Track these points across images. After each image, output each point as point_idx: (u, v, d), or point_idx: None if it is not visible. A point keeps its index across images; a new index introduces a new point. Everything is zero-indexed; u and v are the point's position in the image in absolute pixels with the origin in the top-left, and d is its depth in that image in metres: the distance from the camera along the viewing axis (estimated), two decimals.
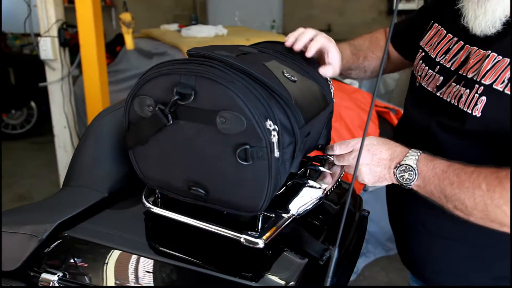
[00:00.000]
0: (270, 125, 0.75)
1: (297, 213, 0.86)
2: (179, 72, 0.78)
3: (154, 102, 0.80)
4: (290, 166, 0.83)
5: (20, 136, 5.07)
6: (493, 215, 0.84)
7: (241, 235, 0.78)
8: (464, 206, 0.87)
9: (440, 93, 1.03)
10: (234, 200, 0.81)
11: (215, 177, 0.80)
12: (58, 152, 3.17)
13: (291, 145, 0.81)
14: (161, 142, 0.83)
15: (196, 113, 0.77)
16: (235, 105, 0.74)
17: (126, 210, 0.97)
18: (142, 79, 0.82)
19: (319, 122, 0.96)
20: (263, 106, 0.76)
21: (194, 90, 0.76)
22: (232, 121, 0.74)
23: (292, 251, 0.88)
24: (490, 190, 0.84)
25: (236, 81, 0.76)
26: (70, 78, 3.07)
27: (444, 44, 1.06)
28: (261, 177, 0.77)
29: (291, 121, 0.81)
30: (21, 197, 3.64)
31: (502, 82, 0.89)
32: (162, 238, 0.88)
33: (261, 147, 0.75)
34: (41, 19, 2.88)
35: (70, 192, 0.96)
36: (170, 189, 0.87)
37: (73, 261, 0.86)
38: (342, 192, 1.16)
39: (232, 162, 0.76)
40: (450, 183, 0.88)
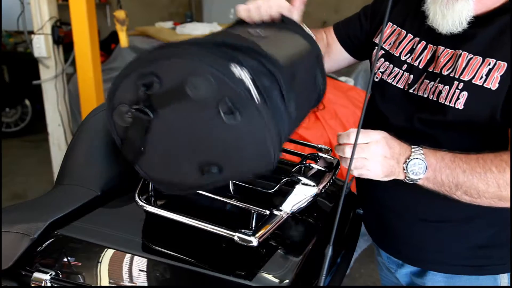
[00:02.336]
0: (238, 71, 0.73)
1: (291, 211, 0.85)
2: (137, 66, 0.78)
3: (129, 106, 0.79)
4: (286, 111, 0.81)
5: (15, 134, 5.04)
6: (505, 193, 0.93)
7: (234, 233, 0.78)
8: (476, 191, 0.94)
9: (413, 90, 1.09)
10: (247, 164, 0.79)
11: (217, 149, 0.78)
12: (52, 150, 3.16)
13: (274, 88, 0.79)
14: (156, 142, 0.82)
15: (168, 95, 0.76)
16: (196, 68, 0.73)
17: (119, 209, 0.96)
18: (110, 90, 0.82)
19: (304, 64, 0.94)
20: (224, 59, 0.75)
21: (156, 76, 0.76)
22: (201, 85, 0.73)
23: (287, 249, 0.88)
24: (501, 171, 0.92)
25: (190, 49, 0.76)
26: (64, 76, 3.05)
27: (407, 43, 1.13)
28: (258, 130, 0.75)
29: (263, 63, 0.79)
30: (16, 196, 3.62)
31: (481, 78, 0.99)
32: (156, 237, 0.87)
33: (240, 96, 0.73)
34: (34, 16, 2.86)
35: (63, 191, 0.96)
36: (189, 187, 0.84)
37: (66, 260, 0.85)
38: (337, 189, 1.16)
39: (225, 126, 0.74)
40: (462, 171, 0.93)
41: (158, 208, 0.84)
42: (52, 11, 2.87)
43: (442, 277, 1.15)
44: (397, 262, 1.23)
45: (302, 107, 0.94)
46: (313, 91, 1.00)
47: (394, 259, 1.23)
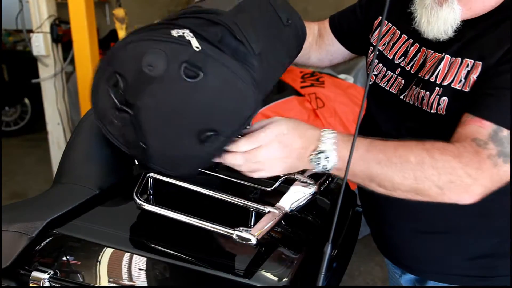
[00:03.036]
0: (176, 31, 0.75)
1: (290, 209, 0.85)
2: (101, 73, 0.80)
3: (112, 109, 0.81)
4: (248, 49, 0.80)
5: (14, 133, 5.04)
6: (421, 186, 0.84)
7: (233, 231, 0.78)
8: (390, 183, 0.85)
9: (404, 97, 1.06)
10: (235, 116, 0.80)
11: (203, 114, 0.79)
12: (52, 149, 3.16)
13: (225, 34, 0.79)
14: (151, 131, 0.82)
15: (135, 85, 0.78)
16: (142, 48, 0.75)
17: (118, 207, 0.96)
18: (92, 103, 0.85)
19: (253, 3, 0.90)
20: (162, 29, 0.77)
21: (117, 73, 0.78)
22: (155, 61, 0.74)
23: (285, 247, 0.88)
24: (419, 163, 0.83)
25: (130, 38, 0.78)
26: (63, 74, 3.05)
27: (400, 45, 1.09)
28: (226, 78, 0.76)
29: (204, 17, 0.80)
30: (16, 195, 3.62)
31: (459, 81, 0.94)
32: (155, 235, 0.87)
33: (190, 54, 0.74)
34: (33, 15, 2.86)
35: (61, 190, 0.95)
36: (200, 161, 0.85)
37: (64, 259, 0.85)
38: (336, 187, 1.15)
39: (197, 88, 0.75)
40: (377, 162, 0.85)
41: (156, 207, 0.84)
42: (50, 9, 2.86)
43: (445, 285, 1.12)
44: (401, 269, 1.22)
45: (273, 41, 0.92)
46: (281, 27, 0.96)
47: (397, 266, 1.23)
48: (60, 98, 3.03)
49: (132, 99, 0.79)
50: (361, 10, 1.25)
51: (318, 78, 2.81)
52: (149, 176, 0.91)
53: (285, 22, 0.96)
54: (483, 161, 0.84)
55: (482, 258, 1.08)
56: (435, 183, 0.83)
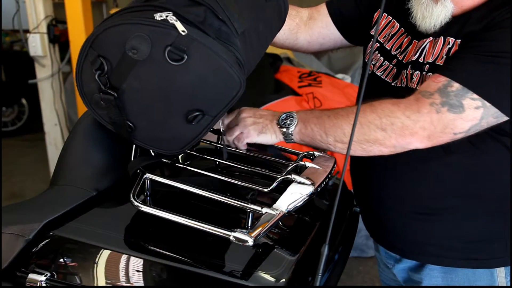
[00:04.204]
0: (159, 15, 0.75)
1: (287, 210, 0.85)
2: (84, 56, 0.81)
3: (98, 93, 0.83)
4: (230, 29, 0.81)
5: (11, 133, 5.03)
6: (367, 132, 0.97)
7: (230, 233, 0.77)
8: (342, 133, 0.99)
9: (395, 83, 1.13)
10: (220, 96, 0.82)
11: (189, 94, 0.81)
12: (49, 149, 3.15)
13: (208, 15, 0.80)
14: (137, 112, 0.85)
15: (120, 68, 0.79)
16: (126, 32, 0.76)
17: (115, 209, 0.96)
18: (78, 86, 0.86)
19: None
20: (144, 11, 0.78)
21: (102, 57, 0.79)
22: (139, 44, 0.75)
23: (283, 248, 0.88)
24: (362, 110, 0.97)
25: (114, 19, 0.78)
26: (60, 74, 3.05)
27: (398, 38, 1.16)
28: (210, 60, 0.77)
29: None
30: (13, 195, 3.61)
31: (442, 58, 1.02)
32: (152, 237, 0.87)
33: (174, 38, 0.74)
34: (29, 15, 2.85)
35: (58, 191, 0.95)
36: (189, 140, 0.88)
37: (61, 261, 0.85)
38: (333, 187, 1.15)
39: (182, 70, 0.77)
40: (327, 116, 1.01)
41: (153, 208, 0.84)
42: (47, 9, 2.86)
43: (439, 272, 1.15)
44: (395, 257, 1.23)
45: (255, 19, 0.93)
46: (263, 4, 0.97)
47: (391, 254, 1.23)
48: (57, 98, 3.02)
49: (118, 82, 0.80)
50: (360, 1, 1.26)
51: (316, 78, 2.81)
52: (146, 177, 0.91)
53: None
54: (423, 106, 0.93)
55: (474, 242, 1.11)
56: (378, 126, 0.96)
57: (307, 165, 1.00)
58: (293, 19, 1.28)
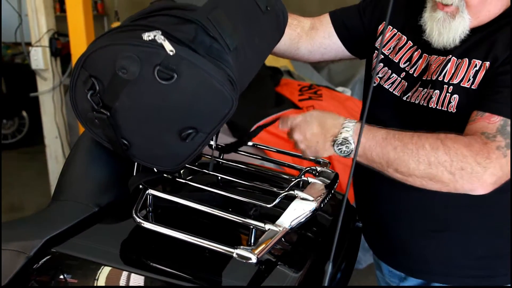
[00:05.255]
0: (146, 34, 0.75)
1: (290, 227, 0.84)
2: (76, 76, 0.81)
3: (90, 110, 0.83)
4: (222, 46, 0.80)
5: (12, 146, 5.02)
6: (435, 172, 0.90)
7: (233, 250, 0.77)
8: (406, 168, 0.93)
9: (407, 98, 1.11)
10: (213, 114, 0.81)
11: (182, 112, 0.80)
12: (49, 162, 3.14)
13: (198, 32, 0.79)
14: (131, 130, 0.85)
15: (112, 88, 0.79)
16: (115, 52, 0.76)
17: (117, 225, 0.95)
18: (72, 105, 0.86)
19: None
20: (132, 31, 0.78)
21: (93, 77, 0.79)
22: (128, 64, 0.75)
23: (286, 264, 0.87)
24: (434, 149, 0.90)
25: (103, 39, 0.79)
26: (61, 87, 3.05)
27: (406, 50, 1.15)
28: (201, 78, 0.77)
29: (176, 15, 0.80)
30: (13, 208, 3.59)
31: (468, 80, 1.01)
32: (154, 254, 0.86)
33: (160, 55, 0.74)
34: (32, 29, 2.87)
35: (59, 207, 0.94)
36: (184, 157, 0.88)
37: (62, 278, 0.84)
38: (336, 203, 1.15)
39: (172, 89, 0.76)
40: (393, 148, 0.93)
41: (155, 224, 0.83)
42: (49, 23, 2.87)
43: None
44: (399, 275, 1.21)
45: (250, 33, 0.91)
46: (259, 16, 0.95)
47: (396, 273, 1.22)
48: (58, 111, 3.02)
49: (110, 101, 0.80)
50: (364, 14, 1.26)
51: (316, 91, 2.82)
52: (148, 193, 0.90)
53: (263, 10, 0.96)
54: (492, 151, 0.89)
55: (483, 259, 1.11)
56: (447, 169, 0.89)
57: (309, 180, 0.99)
58: (294, 29, 1.27)
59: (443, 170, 0.90)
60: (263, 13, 0.95)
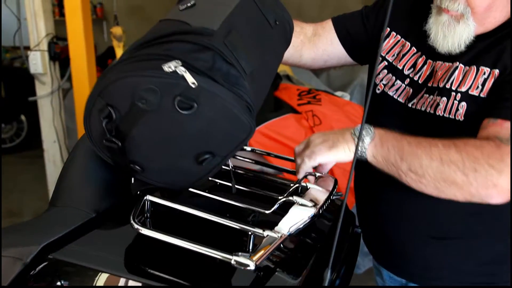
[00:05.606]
0: (167, 66, 0.74)
1: (289, 233, 0.84)
2: (92, 103, 0.80)
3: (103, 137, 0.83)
4: (240, 72, 0.80)
5: (10, 150, 5.01)
6: (447, 171, 0.89)
7: (231, 256, 0.76)
8: (419, 164, 0.91)
9: (412, 104, 1.11)
10: (230, 140, 0.81)
11: (200, 139, 0.80)
12: (47, 167, 3.14)
13: (216, 59, 0.78)
14: (147, 156, 0.84)
15: (129, 117, 0.78)
16: (134, 82, 0.75)
17: (115, 231, 0.94)
18: (85, 129, 0.87)
19: (240, 13, 0.89)
20: (152, 60, 0.77)
21: (110, 106, 0.78)
22: (148, 95, 0.74)
23: (284, 271, 0.86)
24: (446, 147, 0.90)
25: (122, 68, 0.77)
26: (60, 92, 3.05)
27: (410, 57, 1.15)
28: (220, 107, 0.76)
29: (192, 41, 0.79)
30: (11, 213, 3.58)
31: (477, 88, 1.01)
32: (152, 260, 0.86)
33: (181, 87, 0.73)
34: (31, 33, 2.87)
35: (57, 213, 0.94)
36: (196, 179, 0.88)
37: (60, 285, 0.83)
38: (335, 208, 1.14)
39: (192, 118, 0.76)
40: (408, 142, 0.94)
41: (154, 231, 0.82)
42: (48, 27, 2.87)
43: None
44: (400, 281, 1.21)
45: (262, 52, 0.91)
46: (269, 32, 0.95)
47: (397, 279, 1.22)
48: (56, 116, 3.02)
49: (127, 129, 0.79)
50: (367, 20, 1.26)
51: (315, 96, 2.82)
52: (146, 199, 0.90)
53: (272, 25, 0.96)
54: (506, 154, 0.87)
55: (487, 265, 1.10)
56: (460, 169, 0.87)
57: (308, 186, 0.99)
58: (297, 36, 1.26)
59: (456, 169, 0.88)
60: (272, 28, 0.95)
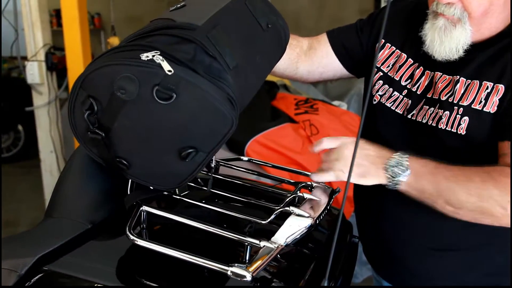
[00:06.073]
0: (145, 55, 0.74)
1: (286, 243, 0.83)
2: (74, 94, 0.81)
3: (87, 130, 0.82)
4: (223, 66, 0.80)
5: (7, 160, 4.99)
6: (486, 205, 0.89)
7: (228, 267, 0.76)
8: (456, 199, 0.90)
9: (412, 116, 1.10)
10: (213, 133, 0.80)
11: (181, 132, 0.80)
12: (44, 177, 3.12)
13: (198, 51, 0.78)
14: (129, 149, 0.84)
15: (110, 108, 0.78)
16: (113, 72, 0.75)
17: (110, 242, 0.94)
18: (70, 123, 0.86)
19: (228, 12, 0.90)
20: (131, 51, 0.77)
21: (91, 97, 0.78)
22: (126, 84, 0.74)
23: (281, 282, 0.86)
24: (484, 181, 0.89)
25: (102, 59, 0.78)
26: (57, 102, 3.04)
27: (407, 68, 1.14)
28: (200, 99, 0.76)
29: (175, 34, 0.80)
30: (8, 223, 3.56)
31: (480, 102, 0.99)
32: (148, 272, 0.85)
33: (158, 75, 0.73)
34: (28, 43, 2.87)
35: (52, 224, 0.93)
36: (184, 176, 0.86)
37: None
38: (332, 218, 1.14)
39: (172, 108, 0.76)
40: (444, 177, 0.91)
41: (149, 242, 0.82)
42: (46, 38, 2.88)
43: None
44: None
45: (250, 52, 0.91)
46: (259, 34, 0.95)
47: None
48: (53, 126, 3.01)
49: (109, 121, 0.80)
50: (362, 32, 1.26)
51: (312, 105, 2.82)
52: (142, 209, 0.89)
53: (264, 28, 0.96)
54: None
55: (494, 275, 1.09)
56: (498, 203, 0.88)
57: (305, 196, 0.99)
58: (293, 49, 1.26)
59: (494, 204, 0.88)
60: (264, 31, 0.95)
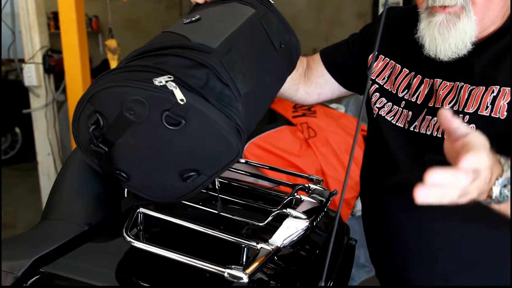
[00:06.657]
0: (158, 80, 0.73)
1: (282, 245, 0.83)
2: (81, 109, 0.79)
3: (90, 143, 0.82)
4: (233, 92, 0.78)
5: (4, 162, 4.99)
6: None
7: (224, 269, 0.76)
8: None
9: (414, 128, 1.04)
10: (217, 160, 0.80)
11: (185, 156, 0.79)
12: (41, 180, 3.12)
13: (210, 77, 0.77)
14: (131, 165, 0.84)
15: (116, 125, 0.78)
16: (123, 92, 0.74)
17: (107, 244, 0.94)
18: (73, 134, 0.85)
19: (244, 33, 0.88)
20: (144, 72, 0.76)
21: (98, 113, 0.78)
22: (137, 107, 0.74)
23: (278, 283, 0.86)
24: None
25: (114, 77, 0.77)
26: (54, 104, 3.04)
27: (403, 78, 1.09)
28: (208, 126, 0.75)
29: (188, 56, 0.78)
30: (5, 225, 3.55)
31: (486, 108, 0.94)
32: (144, 273, 0.85)
33: (173, 104, 0.73)
34: (25, 46, 2.87)
35: (49, 226, 0.93)
36: (181, 195, 0.86)
37: None
38: (329, 220, 1.14)
39: (178, 133, 0.75)
40: None
41: (146, 244, 0.82)
42: (43, 40, 2.87)
43: None
44: None
45: (261, 74, 0.90)
46: (272, 54, 0.94)
47: None
48: (51, 128, 3.01)
49: (114, 137, 0.79)
50: (353, 46, 1.24)
51: (310, 108, 2.83)
52: (139, 211, 0.89)
53: (277, 47, 0.95)
54: None
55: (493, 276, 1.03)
56: None
57: (302, 198, 0.99)
58: (296, 69, 1.19)
59: None
60: (277, 50, 0.94)
